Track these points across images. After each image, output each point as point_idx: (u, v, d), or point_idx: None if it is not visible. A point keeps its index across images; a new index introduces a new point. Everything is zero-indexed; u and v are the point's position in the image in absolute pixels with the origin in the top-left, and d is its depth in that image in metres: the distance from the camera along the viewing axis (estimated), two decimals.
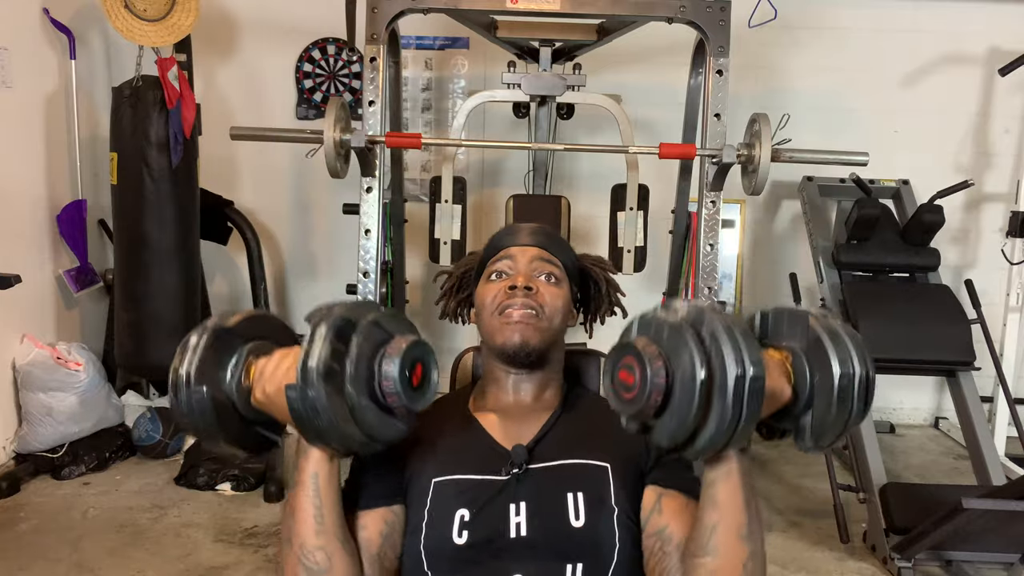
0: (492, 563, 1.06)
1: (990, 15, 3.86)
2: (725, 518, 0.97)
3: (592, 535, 1.07)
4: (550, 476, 1.12)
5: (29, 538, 2.68)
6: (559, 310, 1.23)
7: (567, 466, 1.13)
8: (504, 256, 1.26)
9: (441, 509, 1.09)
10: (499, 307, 1.21)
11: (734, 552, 0.96)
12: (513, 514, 1.08)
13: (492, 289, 1.23)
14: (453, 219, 3.03)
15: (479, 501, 1.09)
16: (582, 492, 1.09)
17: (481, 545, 1.07)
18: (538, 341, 1.19)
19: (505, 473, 1.11)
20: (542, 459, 1.13)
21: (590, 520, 1.08)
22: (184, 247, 3.11)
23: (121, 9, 2.87)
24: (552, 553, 1.07)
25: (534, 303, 1.20)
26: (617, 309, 1.38)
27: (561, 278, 1.26)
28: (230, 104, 3.85)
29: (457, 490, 1.10)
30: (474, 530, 1.07)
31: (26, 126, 3.31)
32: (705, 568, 0.97)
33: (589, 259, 1.37)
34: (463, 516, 1.08)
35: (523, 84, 2.95)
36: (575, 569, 1.06)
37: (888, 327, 3.11)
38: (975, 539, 2.46)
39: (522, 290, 1.20)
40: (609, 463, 1.12)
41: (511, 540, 1.07)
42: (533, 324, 1.19)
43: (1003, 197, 3.97)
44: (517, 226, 1.32)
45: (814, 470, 3.38)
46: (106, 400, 3.32)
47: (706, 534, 0.97)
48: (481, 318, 1.25)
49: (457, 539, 1.07)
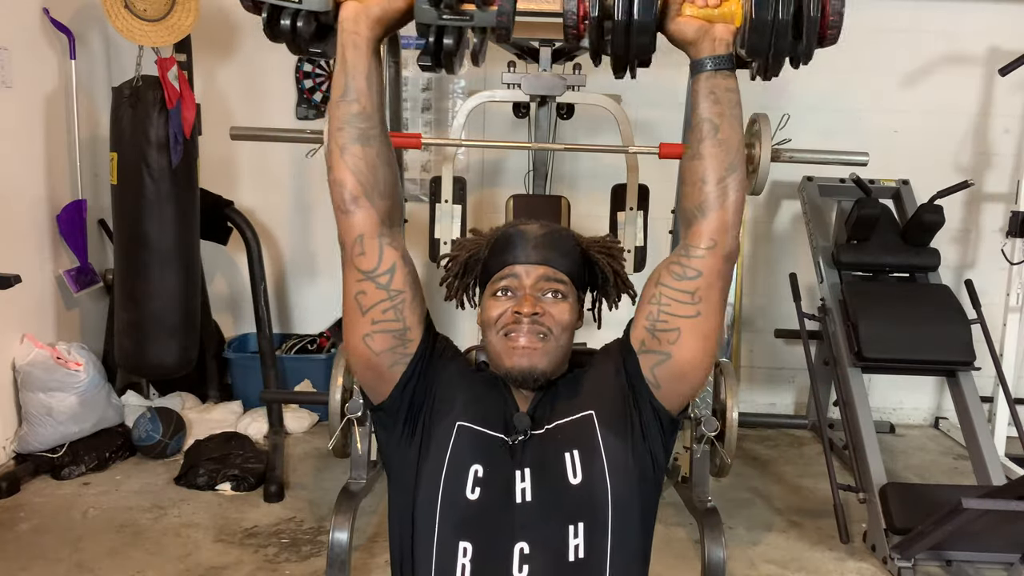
0: (499, 525, 1.10)
1: (990, 15, 3.86)
2: (707, 112, 1.11)
3: (589, 491, 1.11)
4: (549, 439, 1.16)
5: (29, 538, 2.68)
6: (567, 327, 1.23)
7: (560, 426, 1.17)
8: (509, 274, 1.24)
9: (460, 457, 1.13)
10: (505, 329, 1.21)
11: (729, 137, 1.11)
12: (519, 480, 1.13)
13: (498, 307, 1.22)
14: (453, 219, 3.03)
15: (493, 460, 1.14)
16: (577, 449, 1.14)
17: (489, 505, 1.11)
18: (545, 364, 1.20)
19: (512, 441, 1.15)
20: (539, 424, 1.18)
21: (586, 475, 1.12)
22: (184, 247, 3.11)
23: (121, 9, 2.87)
24: (554, 516, 1.11)
25: (541, 327, 1.20)
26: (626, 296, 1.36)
27: (568, 291, 1.25)
28: (230, 104, 3.85)
29: (476, 442, 1.15)
30: (485, 489, 1.12)
31: (26, 126, 3.31)
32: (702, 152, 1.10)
33: (598, 246, 1.33)
34: (477, 472, 1.13)
35: (523, 84, 2.95)
36: (576, 529, 1.10)
37: (888, 327, 3.11)
38: (975, 539, 2.46)
39: (528, 316, 1.19)
40: (593, 409, 1.17)
41: (517, 506, 1.11)
42: (540, 348, 1.19)
43: (1003, 197, 3.97)
44: (521, 232, 1.27)
45: (814, 470, 3.38)
46: (106, 400, 3.32)
47: (695, 140, 1.11)
48: (487, 335, 1.25)
49: (470, 494, 1.11)
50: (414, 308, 1.16)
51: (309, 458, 3.40)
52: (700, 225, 1.11)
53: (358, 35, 1.09)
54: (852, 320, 3.15)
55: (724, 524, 2.40)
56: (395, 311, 1.14)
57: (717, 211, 1.10)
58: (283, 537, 2.74)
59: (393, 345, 1.15)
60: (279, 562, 2.59)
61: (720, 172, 1.10)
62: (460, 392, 1.19)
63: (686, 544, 2.77)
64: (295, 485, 3.13)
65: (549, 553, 1.09)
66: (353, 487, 2.51)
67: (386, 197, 1.13)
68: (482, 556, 1.10)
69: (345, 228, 1.12)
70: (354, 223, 1.11)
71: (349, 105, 1.10)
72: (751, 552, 2.77)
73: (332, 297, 3.73)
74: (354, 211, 1.10)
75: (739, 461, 3.12)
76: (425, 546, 1.12)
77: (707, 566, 2.28)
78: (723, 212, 1.10)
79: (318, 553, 2.61)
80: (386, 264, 1.13)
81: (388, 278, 1.13)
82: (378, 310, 1.13)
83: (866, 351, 3.07)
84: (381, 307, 1.13)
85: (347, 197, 1.10)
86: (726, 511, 2.70)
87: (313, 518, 2.87)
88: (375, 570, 2.56)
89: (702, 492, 2.55)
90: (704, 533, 2.35)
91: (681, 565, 2.63)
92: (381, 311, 1.14)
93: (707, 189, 1.10)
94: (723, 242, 1.11)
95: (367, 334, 1.14)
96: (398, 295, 1.14)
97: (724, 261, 1.11)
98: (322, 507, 2.92)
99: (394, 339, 1.15)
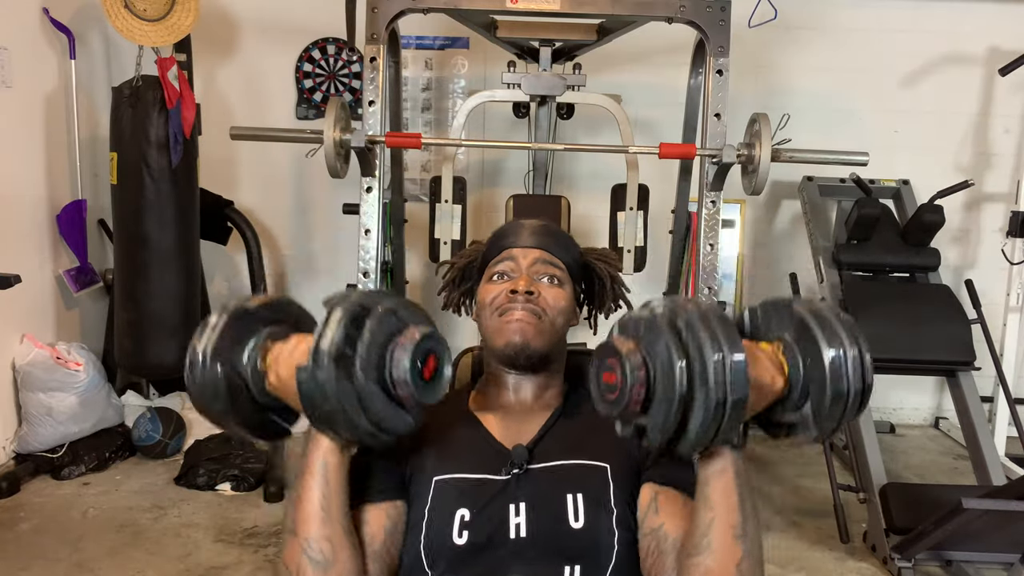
0: (491, 563, 1.06)
1: (990, 15, 3.86)
2: (719, 517, 0.96)
3: (591, 536, 1.07)
4: (550, 476, 1.11)
5: (29, 538, 2.68)
6: (561, 311, 1.22)
7: (567, 467, 1.12)
8: (506, 257, 1.26)
9: (441, 508, 1.09)
10: (499, 308, 1.21)
11: (728, 552, 0.95)
12: (513, 514, 1.08)
13: (493, 290, 1.23)
14: (453, 219, 3.03)
15: (480, 501, 1.09)
16: (582, 493, 1.09)
17: (481, 545, 1.06)
18: (540, 343, 1.19)
19: (505, 473, 1.11)
20: (542, 459, 1.13)
21: (589, 521, 1.07)
22: (184, 247, 3.10)
23: (121, 9, 2.87)
24: (551, 554, 1.06)
25: (536, 307, 1.19)
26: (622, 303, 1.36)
27: (563, 279, 1.25)
28: (230, 104, 3.85)
29: (458, 489, 1.10)
30: (474, 530, 1.07)
31: (26, 126, 3.31)
32: (699, 568, 0.96)
33: (594, 254, 1.35)
34: (463, 516, 1.08)
35: (523, 84, 2.95)
36: (573, 570, 1.05)
37: (888, 327, 3.11)
38: (975, 539, 2.46)
39: (523, 294, 1.19)
40: (608, 463, 1.12)
41: (511, 540, 1.07)
42: (535, 325, 1.19)
43: (1003, 197, 3.97)
44: (519, 223, 1.31)
45: (814, 470, 3.38)
46: (106, 400, 3.32)
47: (700, 533, 0.96)
48: (482, 318, 1.25)
49: (457, 539, 1.06)
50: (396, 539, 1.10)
51: None
52: None
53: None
54: None
55: None
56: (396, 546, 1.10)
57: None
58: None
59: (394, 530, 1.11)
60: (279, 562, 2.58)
61: None
62: (431, 449, 1.15)
63: None
64: None
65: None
66: None
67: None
68: None
69: None
70: None
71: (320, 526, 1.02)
72: None
73: None
74: None
75: None
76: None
77: None
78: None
79: None
80: None
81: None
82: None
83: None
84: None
85: None
86: None
87: None
88: None
89: None
90: None
91: None
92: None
93: None
94: None
95: None
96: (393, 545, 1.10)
97: None
98: None
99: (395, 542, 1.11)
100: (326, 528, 1.00)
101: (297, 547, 1.01)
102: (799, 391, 0.95)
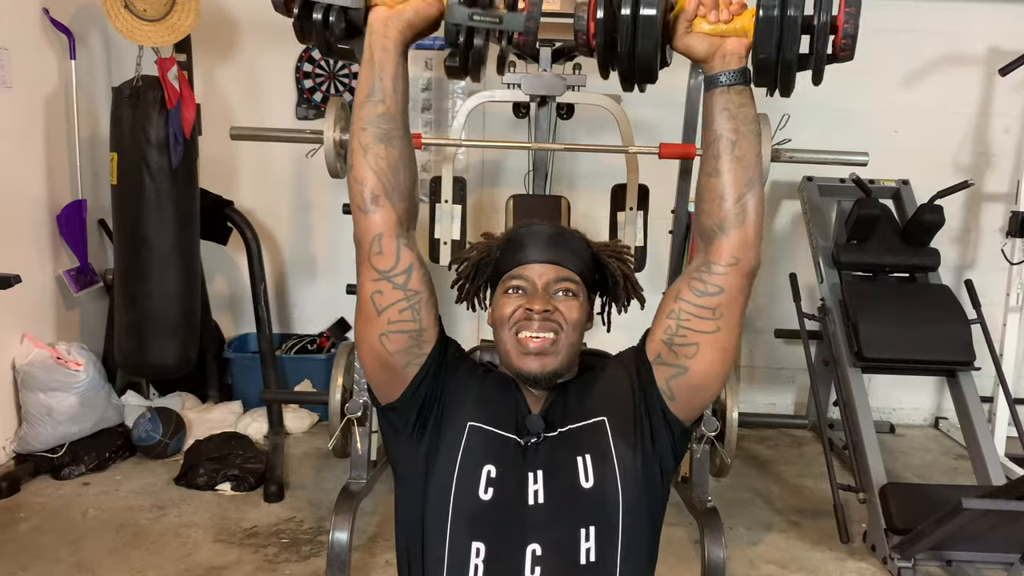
0: (511, 527, 1.11)
1: (990, 15, 3.86)
2: (724, 129, 1.09)
3: (600, 494, 1.12)
4: (561, 442, 1.16)
5: (29, 538, 2.68)
6: (577, 323, 1.23)
7: (574, 430, 1.17)
8: (521, 274, 1.25)
9: (472, 457, 1.14)
10: (516, 327, 1.21)
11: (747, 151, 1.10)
12: (531, 482, 1.13)
13: (509, 304, 1.23)
14: (453, 219, 3.03)
15: (505, 461, 1.14)
16: (589, 453, 1.14)
17: (502, 506, 1.11)
18: (556, 363, 1.21)
19: (525, 443, 1.16)
20: (552, 427, 1.18)
21: (598, 480, 1.12)
22: (184, 247, 3.11)
23: (121, 9, 2.87)
24: (567, 518, 1.11)
25: (553, 323, 1.20)
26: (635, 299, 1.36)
27: (578, 290, 1.25)
28: (230, 104, 3.85)
29: (487, 442, 1.15)
30: (498, 490, 1.12)
31: (26, 126, 3.31)
32: (714, 185, 1.10)
33: (606, 252, 1.34)
34: (490, 472, 1.13)
35: (523, 84, 2.95)
36: (588, 532, 1.10)
37: (888, 327, 3.11)
38: (975, 539, 2.46)
39: (540, 313, 1.20)
40: (605, 415, 1.17)
41: (529, 508, 1.11)
42: (552, 351, 1.20)
43: (1003, 197, 3.97)
44: (532, 232, 1.28)
45: (814, 470, 3.38)
46: (106, 400, 3.32)
47: (712, 155, 1.11)
48: (498, 333, 1.25)
49: (483, 495, 1.11)
50: (429, 309, 1.16)
51: (309, 458, 3.40)
52: (721, 242, 1.11)
53: (387, 38, 1.09)
54: (852, 320, 3.15)
55: (724, 524, 2.41)
56: (412, 311, 1.14)
57: (738, 228, 1.10)
58: (283, 537, 2.74)
59: (408, 345, 1.15)
60: (279, 562, 2.59)
61: (739, 189, 1.09)
62: (471, 393, 1.20)
63: (686, 544, 2.77)
64: (295, 485, 3.13)
65: (561, 555, 1.10)
66: (353, 487, 2.51)
67: (405, 199, 1.13)
68: (495, 557, 1.10)
69: (364, 227, 1.12)
70: (373, 222, 1.11)
71: (375, 106, 1.11)
72: (751, 552, 2.77)
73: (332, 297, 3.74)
74: (373, 210, 1.11)
75: (739, 461, 3.12)
76: (436, 546, 1.12)
77: (707, 566, 2.29)
78: (744, 229, 1.10)
79: (318, 553, 2.61)
80: (403, 264, 1.13)
81: (405, 278, 1.13)
82: (395, 310, 1.14)
83: (866, 351, 3.07)
84: (398, 307, 1.14)
85: (367, 196, 1.11)
86: (726, 511, 2.70)
87: (313, 518, 2.87)
88: (375, 570, 2.56)
89: (702, 492, 2.55)
90: (704, 533, 2.36)
91: (681, 565, 2.63)
92: (398, 311, 1.14)
93: (726, 207, 1.10)
94: (746, 259, 1.11)
95: (383, 333, 1.14)
96: (415, 295, 1.14)
97: (746, 277, 1.12)
98: (322, 507, 2.92)
99: (410, 339, 1.15)
100: (381, 115, 1.12)
101: (356, 138, 1.12)
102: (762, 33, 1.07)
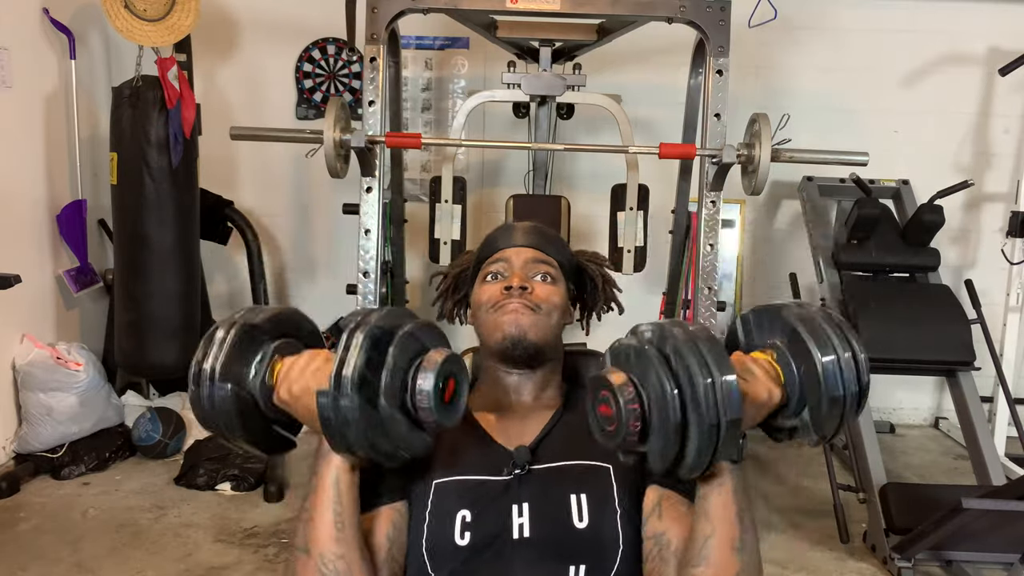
0: (495, 564, 1.06)
1: (990, 15, 3.86)
2: (718, 530, 0.96)
3: (596, 536, 1.07)
4: (553, 477, 1.11)
5: (29, 538, 2.68)
6: (556, 307, 1.23)
7: (569, 467, 1.13)
8: (499, 258, 1.27)
9: (442, 510, 1.09)
10: (495, 305, 1.21)
11: (727, 564, 0.96)
12: (516, 515, 1.08)
13: (488, 290, 1.24)
14: (453, 219, 3.03)
15: (481, 502, 1.09)
16: (585, 493, 1.09)
17: (483, 546, 1.07)
18: (536, 334, 1.19)
19: (507, 473, 1.11)
20: (544, 460, 1.13)
21: (594, 521, 1.07)
22: (184, 247, 3.10)
23: (121, 9, 2.87)
24: (555, 554, 1.06)
25: (530, 301, 1.20)
26: (614, 305, 1.38)
27: (557, 277, 1.26)
28: (230, 104, 3.85)
29: (458, 491, 1.10)
30: (476, 531, 1.07)
31: (26, 126, 3.31)
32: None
33: (585, 255, 1.38)
34: (464, 517, 1.08)
35: (523, 84, 2.95)
36: (578, 570, 1.06)
37: (888, 327, 3.11)
38: (975, 539, 2.46)
39: (517, 290, 1.20)
40: (611, 464, 1.12)
41: (514, 541, 1.07)
42: (530, 316, 1.19)
43: (1003, 197, 3.97)
44: (511, 225, 1.32)
45: (814, 470, 3.38)
46: (106, 400, 3.32)
47: (699, 545, 0.97)
48: (477, 318, 1.26)
49: (459, 540, 1.07)
50: (401, 544, 1.10)
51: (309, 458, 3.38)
52: None
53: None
54: (852, 320, 3.14)
55: None
56: (401, 552, 1.10)
57: None
58: (283, 537, 2.74)
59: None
60: (279, 562, 2.59)
61: None
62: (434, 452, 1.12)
63: None
64: (295, 485, 3.13)
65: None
66: None
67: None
68: None
69: None
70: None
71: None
72: None
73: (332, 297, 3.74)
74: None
75: None
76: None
77: None
78: None
79: None
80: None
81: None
82: None
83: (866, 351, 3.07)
84: None
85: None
86: None
87: None
88: None
89: None
90: None
91: None
92: None
93: None
94: None
95: None
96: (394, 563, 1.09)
97: None
98: None
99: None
100: (340, 546, 1.00)
101: (312, 567, 1.00)
102: (796, 399, 0.96)
